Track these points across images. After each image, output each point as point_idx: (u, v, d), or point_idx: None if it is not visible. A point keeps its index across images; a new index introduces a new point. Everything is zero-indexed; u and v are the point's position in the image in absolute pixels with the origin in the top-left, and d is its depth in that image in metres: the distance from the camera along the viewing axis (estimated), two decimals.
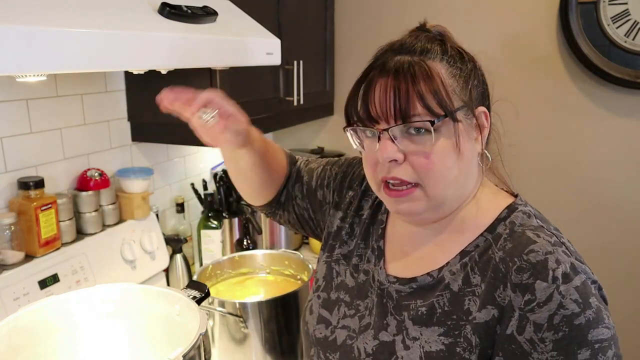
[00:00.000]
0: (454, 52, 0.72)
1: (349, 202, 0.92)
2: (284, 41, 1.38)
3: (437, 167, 0.69)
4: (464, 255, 0.73)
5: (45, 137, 1.29)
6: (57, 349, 0.94)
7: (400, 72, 0.68)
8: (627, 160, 1.89)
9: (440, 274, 0.74)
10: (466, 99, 0.70)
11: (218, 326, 1.20)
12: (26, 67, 0.68)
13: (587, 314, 0.61)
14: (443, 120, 0.68)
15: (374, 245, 0.85)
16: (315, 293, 0.90)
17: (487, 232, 0.73)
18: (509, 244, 0.69)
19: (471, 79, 0.72)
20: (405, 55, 0.71)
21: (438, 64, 0.70)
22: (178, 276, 1.59)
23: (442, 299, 0.72)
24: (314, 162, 1.02)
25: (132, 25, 0.86)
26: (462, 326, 0.69)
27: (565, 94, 1.91)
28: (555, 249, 0.66)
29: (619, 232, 1.94)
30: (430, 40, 0.72)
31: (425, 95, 0.67)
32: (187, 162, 1.82)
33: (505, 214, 0.73)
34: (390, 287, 0.78)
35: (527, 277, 0.64)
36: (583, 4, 1.79)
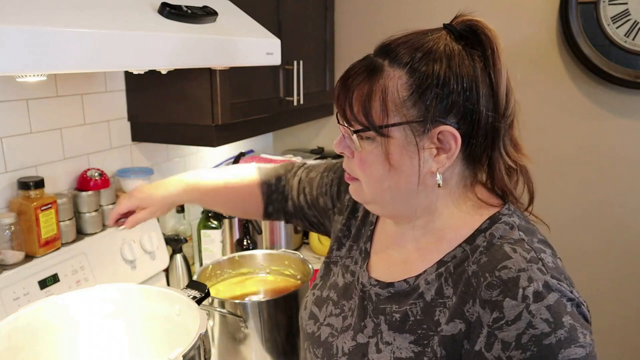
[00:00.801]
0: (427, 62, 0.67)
1: (347, 205, 0.94)
2: (284, 41, 1.38)
3: (366, 173, 0.72)
4: (440, 265, 0.72)
5: (45, 137, 1.29)
6: (57, 349, 0.94)
7: (352, 76, 0.70)
8: (627, 160, 1.89)
9: (416, 281, 0.73)
10: (414, 116, 0.66)
11: (218, 326, 1.20)
12: (26, 67, 0.68)
13: (559, 333, 0.60)
14: (368, 132, 0.68)
15: (362, 246, 0.86)
16: (311, 290, 0.92)
17: (466, 243, 0.71)
18: (484, 258, 0.67)
19: (433, 93, 0.66)
20: (379, 56, 0.70)
21: (398, 71, 0.67)
22: (178, 276, 1.59)
23: (415, 307, 0.72)
24: (314, 171, 1.04)
25: (132, 25, 0.86)
26: (431, 337, 0.69)
27: (565, 94, 1.91)
28: (529, 266, 0.63)
29: (619, 232, 1.94)
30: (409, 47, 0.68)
31: (356, 105, 0.69)
32: (187, 162, 1.82)
33: (487, 225, 0.71)
34: (371, 290, 0.79)
35: (496, 294, 0.63)
36: (583, 4, 1.79)
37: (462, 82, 0.66)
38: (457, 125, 0.67)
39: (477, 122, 0.67)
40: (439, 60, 0.66)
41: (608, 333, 1.98)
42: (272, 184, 1.07)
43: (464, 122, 0.67)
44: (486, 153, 0.71)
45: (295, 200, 1.04)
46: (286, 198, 1.06)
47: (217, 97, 1.40)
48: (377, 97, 0.67)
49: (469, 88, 0.66)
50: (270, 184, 1.07)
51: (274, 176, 1.08)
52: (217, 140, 1.47)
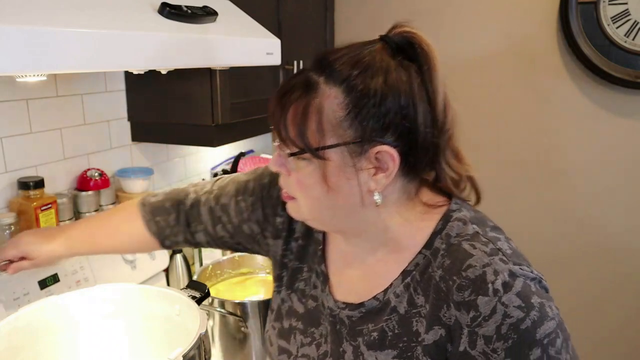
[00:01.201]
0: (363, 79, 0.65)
1: (281, 228, 0.88)
2: (284, 41, 1.38)
3: (303, 193, 0.70)
4: (405, 275, 0.71)
5: (45, 137, 1.29)
6: (57, 349, 0.94)
7: (287, 94, 0.67)
8: (627, 160, 1.89)
9: (385, 296, 0.72)
10: (351, 137, 0.65)
11: (218, 326, 1.20)
12: (26, 67, 0.68)
13: (532, 315, 0.62)
14: (303, 154, 0.66)
15: (317, 269, 0.83)
16: (270, 324, 0.89)
17: (425, 248, 0.71)
18: (447, 261, 0.67)
19: (370, 113, 0.64)
20: (315, 71, 0.67)
21: (334, 90, 0.65)
22: (178, 276, 1.59)
23: (390, 322, 0.71)
24: (224, 196, 0.94)
25: (132, 25, 0.86)
26: (413, 348, 0.69)
27: (565, 94, 1.91)
28: (492, 260, 0.65)
29: (619, 231, 1.94)
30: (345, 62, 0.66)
31: (291, 126, 0.66)
32: (187, 162, 1.81)
33: (441, 226, 0.71)
34: (341, 313, 0.77)
35: (468, 294, 0.64)
36: (583, 4, 1.79)
37: (400, 100, 0.65)
38: (395, 143, 0.65)
39: (415, 140, 0.66)
40: (375, 76, 0.64)
41: (607, 334, 1.98)
42: (158, 221, 0.97)
43: (402, 140, 0.66)
44: (427, 167, 0.71)
45: (211, 231, 0.94)
46: (191, 231, 0.96)
47: (217, 97, 1.40)
48: (313, 117, 0.65)
49: (406, 105, 0.65)
50: (157, 221, 0.97)
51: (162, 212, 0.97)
52: (217, 140, 1.47)
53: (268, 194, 0.89)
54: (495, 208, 2.01)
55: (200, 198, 0.96)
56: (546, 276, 0.68)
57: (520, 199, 2.03)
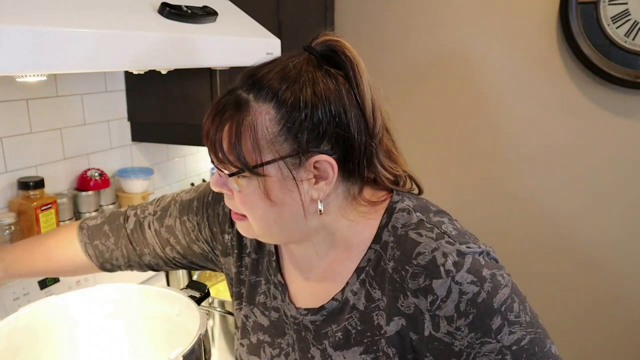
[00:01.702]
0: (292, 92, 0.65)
1: (231, 245, 0.88)
2: (284, 41, 1.38)
3: (250, 210, 0.70)
4: (359, 272, 0.72)
5: (45, 137, 1.29)
6: (57, 349, 0.94)
7: (218, 114, 0.67)
8: (627, 160, 1.89)
9: (343, 295, 0.73)
10: (288, 150, 0.65)
11: (218, 326, 1.20)
12: (26, 67, 0.68)
13: (485, 287, 0.64)
14: (242, 172, 0.66)
15: (274, 280, 0.83)
16: (238, 341, 0.89)
17: (374, 243, 0.72)
18: (397, 252, 0.69)
19: (303, 125, 0.65)
20: (244, 89, 0.67)
21: (264, 106, 0.65)
22: (178, 276, 1.59)
23: (352, 320, 0.72)
24: (167, 217, 0.93)
25: (132, 25, 0.86)
26: (378, 341, 0.70)
27: (565, 94, 1.91)
28: (439, 244, 0.66)
29: (619, 231, 1.94)
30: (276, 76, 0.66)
31: (227, 147, 0.66)
32: (187, 162, 1.81)
33: (386, 219, 0.72)
34: (304, 320, 0.78)
35: (422, 280, 0.65)
36: (583, 4, 1.79)
37: (330, 108, 0.65)
38: (331, 152, 0.66)
39: (351, 145, 0.67)
40: (304, 88, 0.65)
41: (603, 329, 1.98)
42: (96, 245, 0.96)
43: (338, 147, 0.67)
44: (365, 168, 0.71)
45: (160, 254, 0.94)
46: (138, 254, 0.95)
47: (217, 97, 1.40)
48: (247, 135, 0.65)
49: (337, 113, 0.66)
50: (95, 245, 0.96)
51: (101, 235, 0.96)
52: None
53: (213, 212, 0.89)
54: (496, 207, 2.02)
55: (143, 221, 0.94)
56: (545, 277, 0.68)
57: (519, 199, 2.03)
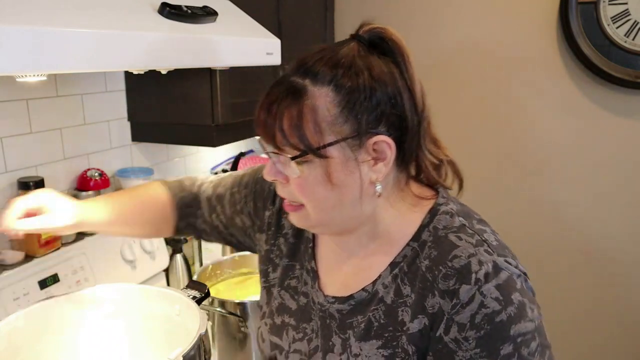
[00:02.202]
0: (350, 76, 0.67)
1: (268, 223, 0.90)
2: (284, 41, 1.38)
3: (309, 195, 0.70)
4: (393, 267, 0.73)
5: (45, 137, 1.29)
6: (57, 349, 0.94)
7: (275, 102, 0.68)
8: (627, 160, 1.89)
9: (374, 287, 0.74)
10: (349, 131, 0.67)
11: (218, 326, 1.20)
12: (26, 67, 0.68)
13: (509, 310, 0.63)
14: (306, 156, 0.67)
15: (307, 266, 0.84)
16: (262, 320, 0.90)
17: (412, 240, 0.72)
18: (434, 252, 0.69)
19: (363, 106, 0.67)
20: (297, 76, 0.69)
21: (323, 89, 0.67)
22: (178, 276, 1.59)
23: (377, 312, 0.72)
24: (220, 186, 0.97)
25: (132, 25, 0.86)
26: (399, 337, 0.70)
27: (565, 94, 1.91)
28: (477, 250, 0.66)
29: (619, 231, 1.94)
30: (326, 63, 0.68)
31: (288, 131, 0.67)
32: (187, 162, 1.82)
33: (429, 219, 0.73)
34: (330, 308, 0.78)
35: (453, 283, 0.65)
36: (583, 4, 1.79)
37: (387, 91, 0.67)
38: (388, 133, 0.68)
39: (406, 127, 0.69)
40: (361, 72, 0.67)
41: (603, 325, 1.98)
42: (183, 196, 0.98)
43: (394, 129, 0.69)
44: (414, 154, 0.73)
45: (208, 219, 0.97)
46: (196, 214, 0.98)
47: (217, 97, 1.40)
48: (308, 118, 0.66)
49: (393, 95, 0.68)
50: (182, 197, 0.98)
51: (181, 189, 0.99)
52: (217, 140, 1.47)
53: (261, 187, 0.92)
54: (494, 206, 2.01)
55: (202, 186, 0.99)
56: (545, 277, 0.68)
57: (518, 198, 2.03)
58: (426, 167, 0.74)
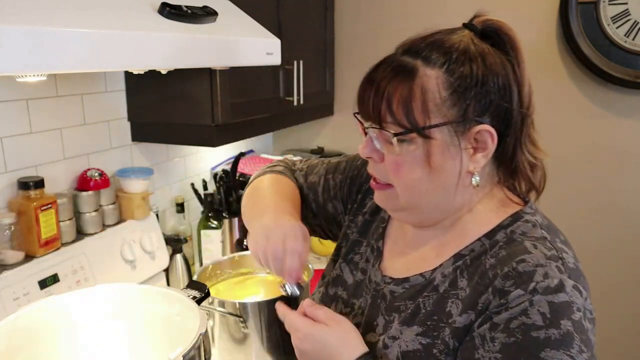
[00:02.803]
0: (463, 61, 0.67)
1: (357, 202, 0.92)
2: (284, 41, 1.38)
3: (405, 176, 0.69)
4: (458, 259, 0.72)
5: (45, 137, 1.29)
6: (57, 349, 0.94)
7: (384, 78, 0.68)
8: (627, 160, 1.89)
9: (432, 275, 0.73)
10: (455, 116, 0.66)
11: (218, 326, 1.20)
12: (26, 67, 0.68)
13: (550, 332, 0.59)
14: (410, 134, 0.66)
15: (374, 244, 0.85)
16: (319, 288, 0.91)
17: (485, 237, 0.71)
18: (503, 252, 0.67)
19: (472, 93, 0.66)
20: (408, 56, 0.69)
21: (435, 71, 0.66)
22: (178, 276, 1.59)
23: (427, 300, 0.71)
24: (312, 174, 0.98)
25: (132, 25, 0.86)
26: (442, 328, 0.68)
27: (565, 94, 1.91)
28: (548, 263, 0.63)
29: (619, 231, 1.94)
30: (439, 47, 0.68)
31: (396, 107, 0.66)
32: (187, 162, 1.82)
33: (509, 222, 0.71)
34: (385, 288, 0.78)
35: (509, 284, 0.63)
36: (583, 4, 1.79)
37: (498, 81, 0.67)
38: (491, 124, 0.67)
39: (510, 120, 0.68)
40: (475, 59, 0.67)
41: (617, 332, 1.98)
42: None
43: (498, 121, 0.68)
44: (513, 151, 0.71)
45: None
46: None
47: (217, 97, 1.40)
48: (418, 97, 0.66)
49: (503, 87, 0.68)
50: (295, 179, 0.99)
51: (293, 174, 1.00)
52: (217, 140, 1.47)
53: (358, 172, 0.93)
54: None
55: (295, 174, 0.98)
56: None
57: None
58: (523, 166, 0.72)
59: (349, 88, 2.27)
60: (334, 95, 2.20)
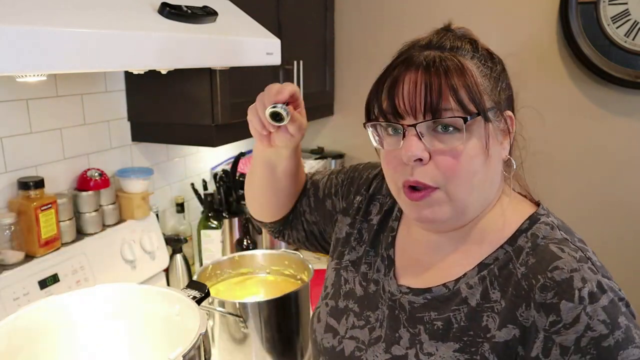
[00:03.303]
0: (484, 52, 0.70)
1: (357, 207, 0.89)
2: (284, 41, 1.38)
3: (464, 169, 0.66)
4: (482, 268, 0.69)
5: (45, 137, 1.29)
6: (57, 349, 0.94)
7: (431, 66, 0.65)
8: (627, 160, 1.89)
9: (456, 285, 0.70)
10: (496, 100, 0.68)
11: (218, 326, 1.20)
12: (26, 67, 0.68)
13: (616, 335, 0.59)
14: (475, 118, 0.64)
15: (384, 253, 0.82)
16: (323, 300, 0.87)
17: (507, 244, 0.69)
18: (532, 259, 0.65)
19: (500, 80, 0.69)
20: (434, 50, 0.68)
21: (469, 61, 0.67)
22: (178, 276, 1.59)
23: (459, 314, 0.68)
24: (317, 173, 1.00)
25: (132, 25, 0.86)
26: (480, 343, 0.66)
27: (565, 94, 1.91)
28: (581, 266, 0.62)
29: (619, 230, 1.94)
30: (459, 39, 0.70)
31: (459, 89, 0.64)
32: (187, 162, 1.82)
33: (527, 225, 0.70)
34: (402, 298, 0.75)
35: (551, 296, 0.61)
36: (583, 4, 1.79)
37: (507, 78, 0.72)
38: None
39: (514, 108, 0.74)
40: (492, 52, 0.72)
41: None
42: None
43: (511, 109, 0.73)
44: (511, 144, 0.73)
45: (297, 205, 0.98)
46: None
47: (217, 97, 1.40)
48: (472, 82, 0.65)
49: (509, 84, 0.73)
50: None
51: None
52: (217, 140, 1.47)
53: (359, 174, 0.93)
54: None
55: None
56: None
57: None
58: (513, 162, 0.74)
59: (349, 88, 2.27)
60: (334, 95, 2.20)
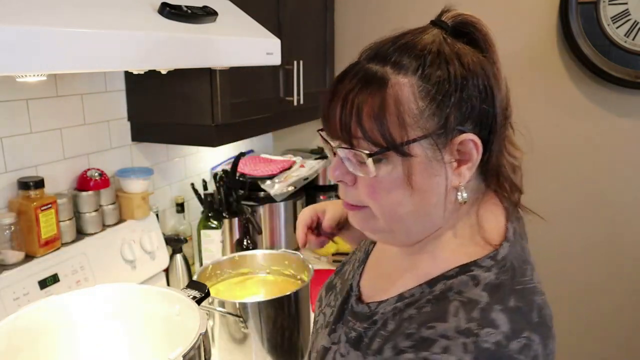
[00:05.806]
0: (439, 64, 0.60)
1: None
2: (284, 41, 1.38)
3: (381, 200, 0.62)
4: (399, 300, 0.66)
5: (45, 137, 1.29)
6: (57, 349, 0.94)
7: (351, 91, 0.60)
8: (627, 160, 1.89)
9: (376, 308, 0.69)
10: (435, 127, 0.59)
11: (218, 326, 1.20)
12: (26, 67, 0.68)
13: None
14: (386, 152, 0.59)
15: (365, 248, 0.85)
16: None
17: (427, 284, 0.64)
18: (428, 308, 0.61)
19: (453, 99, 0.59)
20: (375, 63, 0.61)
21: (407, 79, 0.59)
22: (178, 276, 1.59)
23: (369, 331, 0.68)
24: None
25: (132, 25, 0.86)
26: None
27: (565, 94, 1.91)
28: (455, 337, 0.55)
29: (619, 230, 1.94)
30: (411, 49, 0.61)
31: (368, 123, 0.59)
32: (187, 162, 1.82)
33: (453, 274, 0.62)
34: (352, 297, 0.77)
35: (406, 345, 0.58)
36: (583, 4, 1.79)
37: (478, 83, 0.60)
38: (474, 132, 0.61)
39: (493, 125, 0.62)
40: (451, 61, 0.59)
41: (599, 326, 1.98)
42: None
43: (481, 127, 0.61)
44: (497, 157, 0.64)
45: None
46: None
47: (217, 97, 1.40)
48: (392, 110, 0.58)
49: (483, 89, 0.61)
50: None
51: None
52: (217, 140, 1.48)
53: None
54: None
55: None
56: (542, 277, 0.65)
57: None
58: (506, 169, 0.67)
59: None
60: None
